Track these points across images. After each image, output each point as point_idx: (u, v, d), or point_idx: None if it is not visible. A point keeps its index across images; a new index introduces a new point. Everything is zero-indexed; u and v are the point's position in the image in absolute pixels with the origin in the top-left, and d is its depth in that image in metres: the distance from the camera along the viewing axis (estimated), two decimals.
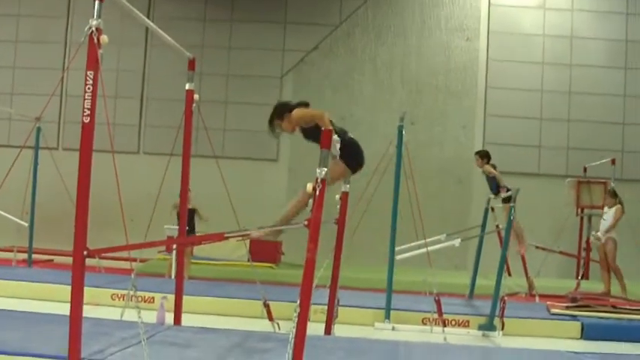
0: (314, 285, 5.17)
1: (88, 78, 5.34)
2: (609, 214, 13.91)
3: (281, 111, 7.38)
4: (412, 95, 18.67)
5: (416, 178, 10.53)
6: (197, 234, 13.52)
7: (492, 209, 13.11)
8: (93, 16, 5.40)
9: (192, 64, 8.23)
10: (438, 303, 9.94)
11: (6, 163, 13.41)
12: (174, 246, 11.20)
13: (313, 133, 6.98)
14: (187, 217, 8.88)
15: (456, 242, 10.91)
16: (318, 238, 5.08)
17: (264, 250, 15.50)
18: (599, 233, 14.03)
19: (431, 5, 18.86)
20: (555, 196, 17.53)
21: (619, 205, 13.84)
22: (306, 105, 7.39)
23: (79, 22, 18.78)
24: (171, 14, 18.76)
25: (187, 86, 8.21)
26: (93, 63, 5.37)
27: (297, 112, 7.25)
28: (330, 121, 6.94)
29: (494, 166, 13.87)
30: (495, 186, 13.62)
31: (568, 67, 18.47)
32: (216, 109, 18.09)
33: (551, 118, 18.36)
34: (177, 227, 12.59)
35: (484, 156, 14.04)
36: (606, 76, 18.36)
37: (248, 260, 10.66)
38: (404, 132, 10.69)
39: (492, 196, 13.25)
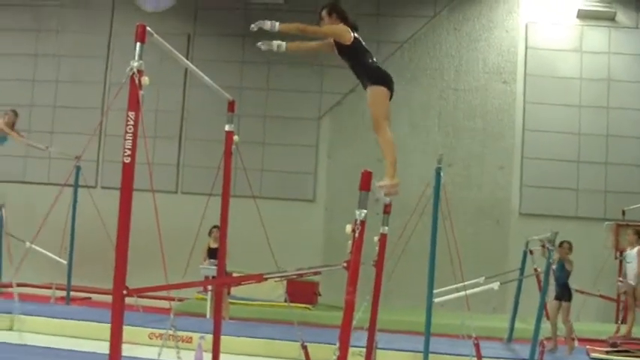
0: (352, 327, 5.14)
1: (129, 119, 5.38)
2: (632, 256, 13.57)
3: (331, 10, 7.39)
4: (449, 137, 18.65)
5: (453, 220, 10.48)
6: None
7: (531, 252, 13.01)
8: (134, 58, 5.47)
9: (231, 106, 8.27)
10: (477, 347, 9.86)
11: (44, 201, 13.53)
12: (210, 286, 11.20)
13: (347, 54, 7.37)
14: (215, 256, 8.88)
15: (495, 286, 10.81)
16: (357, 280, 5.06)
17: (302, 291, 15.47)
18: (630, 281, 13.64)
19: (468, 48, 18.89)
20: (594, 239, 17.32)
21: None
22: (350, 24, 7.37)
23: (118, 63, 19.04)
24: (210, 56, 18.93)
25: (227, 128, 8.24)
26: (134, 104, 5.41)
27: (329, 26, 7.33)
28: (359, 44, 7.26)
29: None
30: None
31: (605, 110, 18.38)
32: (253, 149, 18.14)
33: (589, 160, 18.24)
34: (212, 267, 12.70)
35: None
36: None
37: (285, 301, 10.65)
38: (441, 174, 10.67)
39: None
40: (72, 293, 15.12)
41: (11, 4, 20.42)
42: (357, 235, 5.19)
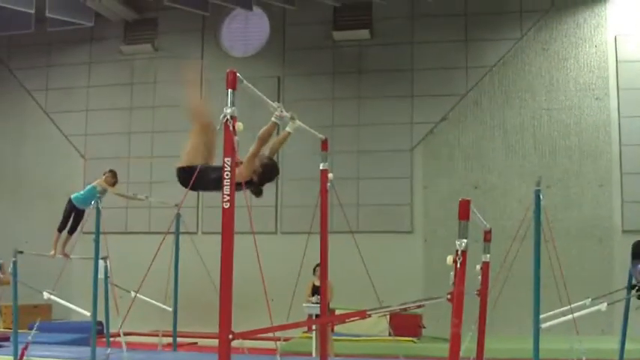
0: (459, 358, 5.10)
1: (225, 164, 5.47)
2: None
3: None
4: (545, 158, 18.35)
5: (555, 242, 10.31)
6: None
7: None
8: (226, 104, 5.56)
9: (325, 145, 8.36)
10: None
11: (146, 250, 13.76)
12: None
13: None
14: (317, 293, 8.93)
15: (603, 307, 10.57)
16: (462, 312, 5.02)
17: (406, 324, 15.33)
18: None
19: (557, 67, 18.61)
20: None
21: None
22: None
23: (212, 109, 19.33)
24: (301, 96, 19.11)
25: (321, 166, 8.33)
26: (229, 150, 5.51)
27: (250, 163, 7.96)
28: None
29: None
30: None
31: None
32: (348, 185, 18.17)
33: None
34: (316, 305, 12.75)
35: None
36: None
37: (389, 335, 10.60)
38: (541, 196, 10.51)
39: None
40: (178, 339, 15.28)
41: (105, 61, 21.04)
42: (458, 265, 5.16)
